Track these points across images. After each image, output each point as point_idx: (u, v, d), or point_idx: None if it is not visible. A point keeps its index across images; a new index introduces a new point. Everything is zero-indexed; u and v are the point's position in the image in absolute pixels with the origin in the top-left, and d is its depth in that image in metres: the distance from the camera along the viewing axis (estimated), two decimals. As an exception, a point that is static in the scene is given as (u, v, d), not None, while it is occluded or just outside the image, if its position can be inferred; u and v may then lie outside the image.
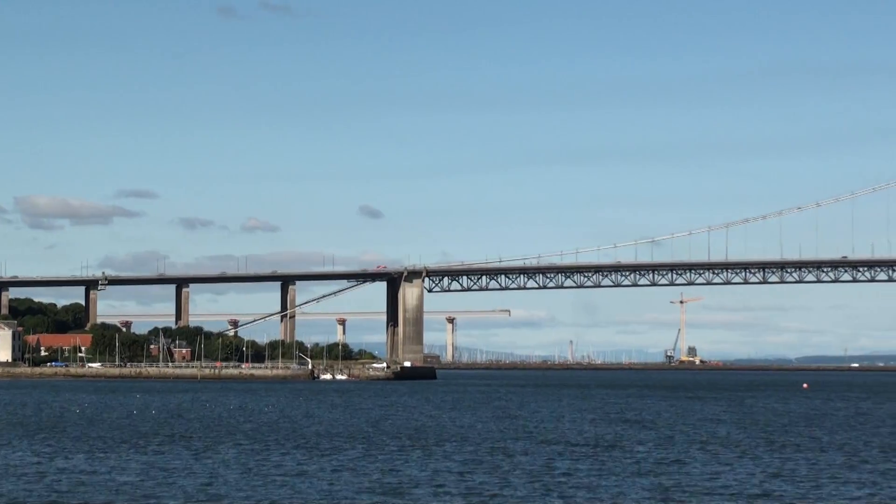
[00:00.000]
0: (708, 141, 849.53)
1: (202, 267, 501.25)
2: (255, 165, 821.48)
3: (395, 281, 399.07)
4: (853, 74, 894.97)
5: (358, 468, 71.91)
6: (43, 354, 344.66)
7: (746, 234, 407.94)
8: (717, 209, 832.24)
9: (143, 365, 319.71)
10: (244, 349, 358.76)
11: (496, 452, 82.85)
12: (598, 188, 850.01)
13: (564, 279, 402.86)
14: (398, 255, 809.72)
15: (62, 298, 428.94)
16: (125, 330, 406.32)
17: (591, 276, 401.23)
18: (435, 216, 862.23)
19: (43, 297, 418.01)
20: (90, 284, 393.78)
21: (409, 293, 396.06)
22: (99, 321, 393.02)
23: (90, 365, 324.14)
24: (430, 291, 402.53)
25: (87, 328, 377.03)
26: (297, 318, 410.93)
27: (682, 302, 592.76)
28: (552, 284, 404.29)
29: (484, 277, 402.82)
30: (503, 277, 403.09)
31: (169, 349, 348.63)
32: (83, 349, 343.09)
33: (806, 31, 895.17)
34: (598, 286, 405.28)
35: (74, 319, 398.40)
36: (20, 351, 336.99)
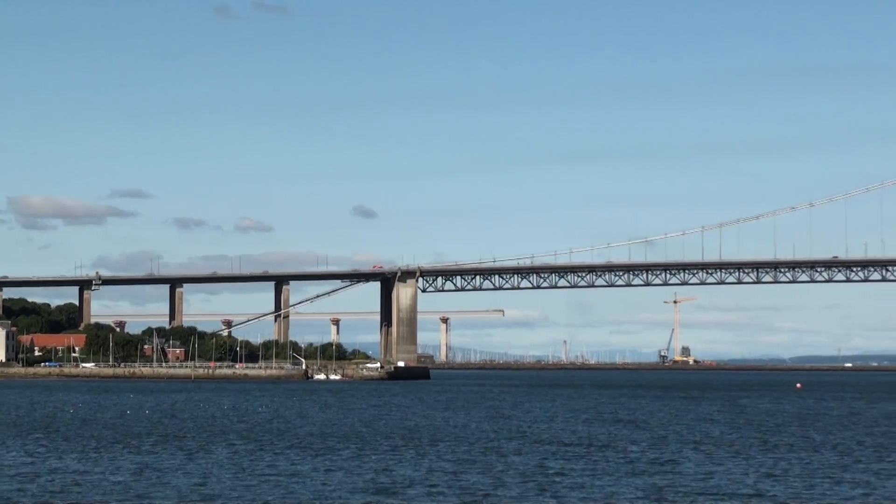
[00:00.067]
0: (702, 141, 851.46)
1: (196, 267, 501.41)
2: (248, 165, 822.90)
3: (388, 281, 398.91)
4: (847, 75, 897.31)
5: (351, 468, 71.91)
6: (37, 354, 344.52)
7: (740, 233, 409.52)
8: (710, 209, 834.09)
9: (136, 365, 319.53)
10: (238, 349, 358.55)
11: (489, 452, 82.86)
12: (591, 188, 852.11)
13: (558, 279, 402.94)
14: (392, 255, 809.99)
15: (56, 298, 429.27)
16: (119, 330, 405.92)
17: (584, 275, 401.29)
18: (429, 216, 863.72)
19: (37, 297, 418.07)
20: (84, 284, 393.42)
21: (402, 293, 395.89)
22: (93, 321, 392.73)
23: (84, 365, 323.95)
24: (423, 291, 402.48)
25: (80, 328, 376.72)
26: (290, 318, 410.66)
27: (675, 302, 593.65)
28: (546, 284, 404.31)
29: (478, 277, 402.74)
30: (497, 277, 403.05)
31: (163, 349, 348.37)
32: (77, 349, 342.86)
33: (800, 32, 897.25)
34: (591, 286, 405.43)
35: (68, 319, 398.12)
36: (14, 351, 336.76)
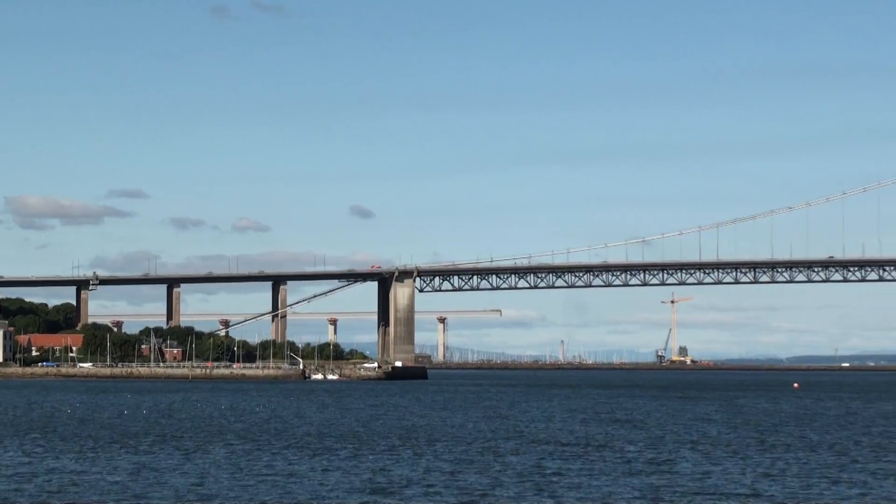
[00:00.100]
0: (699, 141, 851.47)
1: (193, 267, 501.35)
2: (246, 165, 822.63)
3: (386, 281, 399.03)
4: (844, 75, 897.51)
5: (349, 468, 71.90)
6: (34, 354, 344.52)
7: (737, 233, 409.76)
8: (707, 209, 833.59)
9: (134, 365, 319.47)
10: (235, 349, 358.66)
11: (487, 452, 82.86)
12: (588, 188, 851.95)
13: (555, 279, 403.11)
14: (389, 255, 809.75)
15: (53, 298, 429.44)
16: (116, 330, 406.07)
17: (582, 275, 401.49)
18: (426, 216, 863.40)
19: (34, 297, 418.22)
20: (81, 284, 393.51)
21: (400, 293, 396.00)
22: (90, 321, 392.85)
23: (81, 365, 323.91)
24: (421, 291, 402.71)
25: (78, 328, 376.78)
26: (288, 317, 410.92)
27: (672, 302, 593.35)
28: (543, 284, 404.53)
29: (475, 277, 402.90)
30: (494, 277, 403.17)
31: (160, 349, 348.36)
32: (74, 349, 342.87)
33: (797, 32, 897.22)
34: (589, 286, 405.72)
35: (65, 319, 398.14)
36: (11, 351, 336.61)
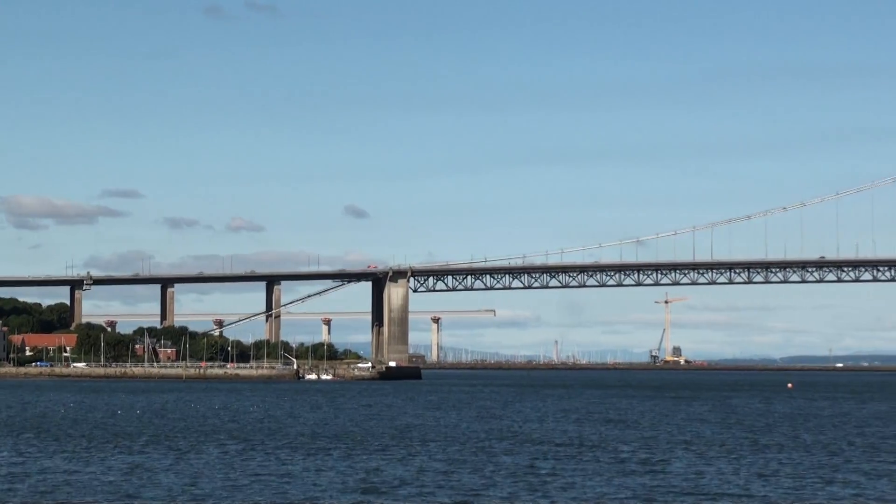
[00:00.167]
0: (693, 141, 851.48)
1: (187, 267, 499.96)
2: (239, 165, 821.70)
3: (380, 281, 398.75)
4: (838, 76, 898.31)
5: (342, 468, 71.88)
6: (28, 354, 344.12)
7: (731, 234, 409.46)
8: (702, 209, 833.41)
9: (128, 365, 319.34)
10: (229, 349, 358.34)
11: (480, 452, 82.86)
12: (582, 188, 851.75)
13: (549, 279, 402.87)
14: (383, 255, 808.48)
15: (47, 298, 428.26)
16: (110, 330, 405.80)
17: (576, 275, 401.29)
18: (420, 216, 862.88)
19: (28, 296, 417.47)
20: (75, 284, 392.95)
21: (394, 293, 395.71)
22: (84, 321, 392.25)
23: (75, 365, 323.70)
24: (415, 291, 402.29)
25: (72, 328, 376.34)
26: (282, 317, 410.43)
27: (666, 302, 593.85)
28: (537, 284, 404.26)
29: (469, 277, 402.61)
30: (488, 277, 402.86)
31: (154, 349, 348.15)
32: (68, 349, 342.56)
33: (792, 32, 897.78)
34: (583, 286, 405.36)
35: (59, 319, 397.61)
36: (5, 351, 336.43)
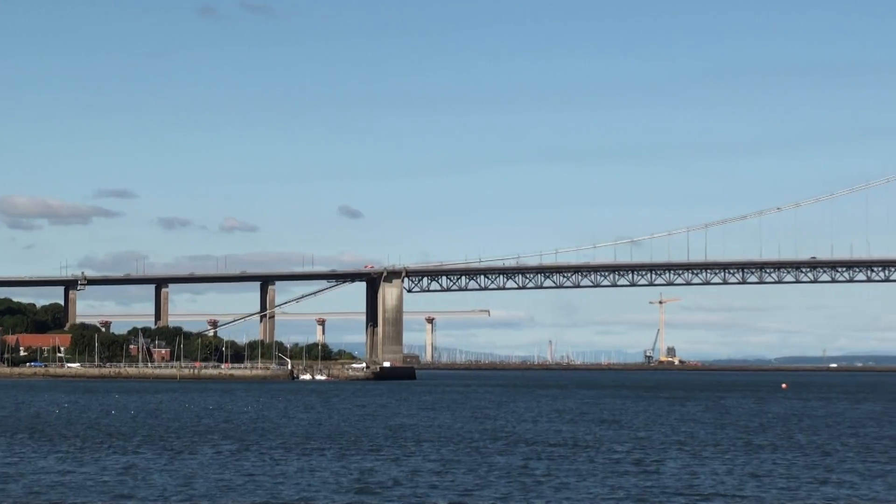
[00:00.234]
0: (688, 141, 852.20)
1: (181, 267, 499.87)
2: (233, 165, 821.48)
3: (374, 281, 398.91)
4: (833, 75, 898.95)
5: (336, 468, 71.89)
6: (22, 354, 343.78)
7: (725, 234, 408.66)
8: (696, 209, 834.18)
9: (122, 365, 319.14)
10: (223, 349, 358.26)
11: (474, 453, 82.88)
12: (577, 189, 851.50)
13: (544, 279, 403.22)
14: (377, 255, 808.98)
15: (41, 298, 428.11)
16: (104, 330, 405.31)
17: (570, 276, 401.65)
18: (414, 216, 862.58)
19: (22, 297, 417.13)
20: (69, 284, 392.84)
21: (388, 293, 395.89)
22: (78, 321, 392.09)
23: (69, 365, 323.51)
24: (409, 292, 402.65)
25: (66, 328, 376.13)
26: (276, 318, 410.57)
27: (661, 302, 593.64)
28: (531, 285, 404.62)
29: (463, 278, 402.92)
30: (482, 278, 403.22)
31: (148, 349, 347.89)
32: (62, 349, 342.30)
33: (788, 32, 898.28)
34: (577, 286, 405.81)
35: (53, 319, 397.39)
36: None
